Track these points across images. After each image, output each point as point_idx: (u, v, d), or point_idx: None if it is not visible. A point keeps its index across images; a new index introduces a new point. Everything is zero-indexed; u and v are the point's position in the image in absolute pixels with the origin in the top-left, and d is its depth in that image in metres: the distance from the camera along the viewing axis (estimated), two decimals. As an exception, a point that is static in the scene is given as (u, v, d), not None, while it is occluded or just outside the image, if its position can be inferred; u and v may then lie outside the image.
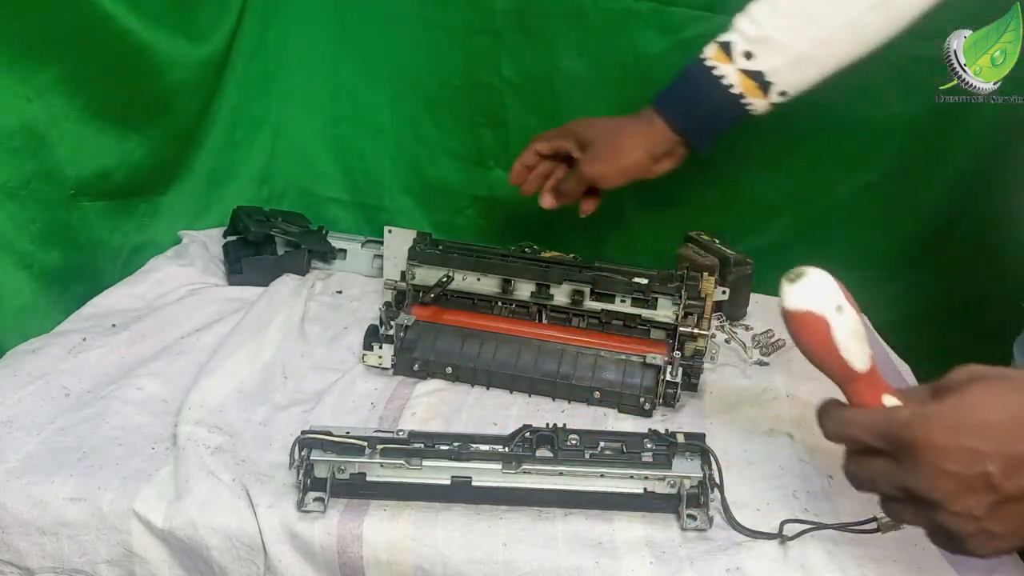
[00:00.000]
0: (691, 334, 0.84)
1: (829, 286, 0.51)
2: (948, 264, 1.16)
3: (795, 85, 0.77)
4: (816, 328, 0.51)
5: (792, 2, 0.75)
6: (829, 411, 0.52)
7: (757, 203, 1.14)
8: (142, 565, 0.65)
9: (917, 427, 0.47)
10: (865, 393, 0.52)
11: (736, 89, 0.77)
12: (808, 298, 0.51)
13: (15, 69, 0.81)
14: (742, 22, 0.77)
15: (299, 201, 1.21)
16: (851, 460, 0.52)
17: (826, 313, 0.50)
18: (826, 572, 0.60)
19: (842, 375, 0.52)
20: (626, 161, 0.83)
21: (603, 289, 0.86)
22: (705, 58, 0.78)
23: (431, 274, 0.89)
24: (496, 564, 0.61)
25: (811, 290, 0.51)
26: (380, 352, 0.83)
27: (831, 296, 0.51)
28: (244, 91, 1.12)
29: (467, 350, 0.84)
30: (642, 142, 0.82)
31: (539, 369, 0.82)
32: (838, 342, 0.51)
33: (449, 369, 0.83)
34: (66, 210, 0.92)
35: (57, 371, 0.79)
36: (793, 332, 0.52)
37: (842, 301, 0.51)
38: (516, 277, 0.88)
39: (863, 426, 0.50)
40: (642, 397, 0.79)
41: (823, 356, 0.52)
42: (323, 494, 0.64)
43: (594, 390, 0.81)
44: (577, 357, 0.83)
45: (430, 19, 1.08)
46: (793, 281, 0.51)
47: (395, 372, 0.84)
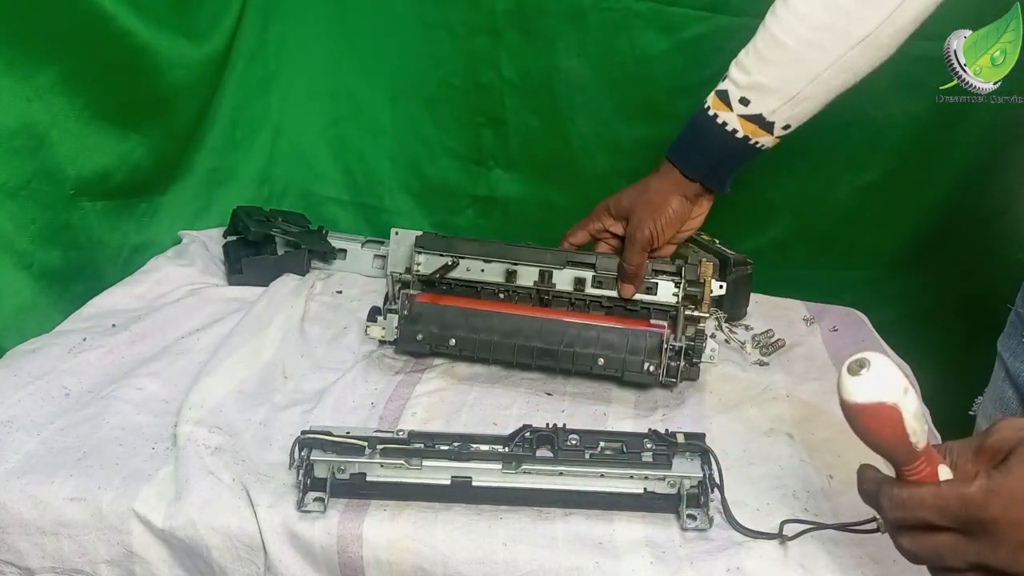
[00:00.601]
0: (692, 316, 0.84)
1: (894, 371, 0.48)
2: (948, 264, 1.16)
3: (797, 118, 0.80)
4: (889, 418, 0.48)
5: (777, 50, 0.76)
6: (887, 491, 0.50)
7: (757, 203, 1.14)
8: (142, 565, 0.65)
9: (993, 504, 0.46)
10: (924, 470, 0.50)
11: (740, 133, 0.80)
12: (878, 389, 0.47)
13: (15, 69, 0.81)
14: (734, 71, 0.79)
15: (299, 201, 1.21)
16: (909, 537, 0.50)
17: (897, 400, 0.47)
18: (826, 572, 0.61)
19: (905, 457, 0.50)
20: (669, 212, 0.85)
21: (604, 271, 0.86)
22: (707, 107, 0.81)
23: (435, 264, 0.89)
24: (496, 564, 0.61)
25: (880, 379, 0.47)
26: (383, 323, 0.83)
27: (898, 381, 0.48)
28: (244, 91, 1.12)
29: (471, 323, 0.84)
30: (672, 190, 0.85)
31: (543, 339, 0.83)
32: (908, 426, 0.48)
33: (453, 341, 0.83)
34: (66, 210, 0.92)
35: (57, 371, 0.79)
36: (861, 425, 0.48)
37: (907, 383, 0.48)
38: (519, 261, 0.88)
39: (933, 507, 0.48)
40: (646, 362, 0.80)
41: (892, 443, 0.49)
42: (323, 494, 0.64)
43: (597, 357, 0.81)
44: (580, 331, 0.84)
45: (430, 19, 1.09)
46: (858, 372, 0.48)
47: (398, 348, 0.84)
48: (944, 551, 0.49)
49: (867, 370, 0.47)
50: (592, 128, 1.12)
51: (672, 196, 0.85)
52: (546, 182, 1.18)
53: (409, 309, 0.84)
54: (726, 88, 0.80)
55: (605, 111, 1.11)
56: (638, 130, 1.11)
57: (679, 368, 0.81)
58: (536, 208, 1.20)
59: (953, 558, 0.48)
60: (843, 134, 1.07)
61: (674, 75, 1.07)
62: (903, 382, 0.48)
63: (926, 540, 0.49)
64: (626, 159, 1.14)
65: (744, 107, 0.79)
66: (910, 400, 0.48)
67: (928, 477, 0.50)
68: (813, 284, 1.12)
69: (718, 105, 0.80)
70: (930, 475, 0.50)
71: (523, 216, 1.20)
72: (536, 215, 1.20)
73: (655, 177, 0.86)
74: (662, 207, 0.85)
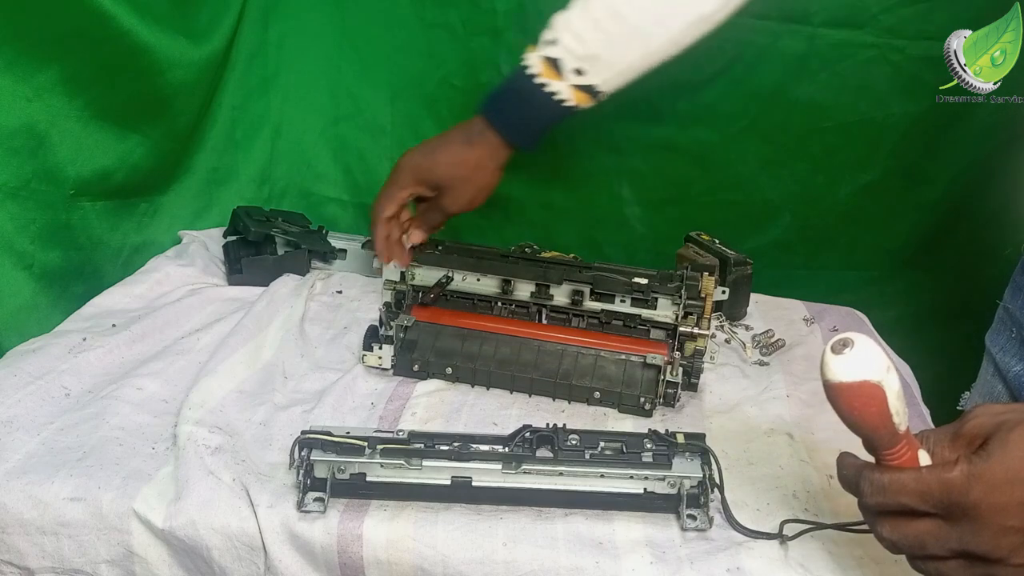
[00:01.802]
0: (691, 334, 0.84)
1: (877, 350, 0.48)
2: (948, 264, 1.16)
3: (619, 86, 0.80)
4: (873, 396, 0.48)
5: (616, 22, 0.76)
6: (867, 476, 0.50)
7: (757, 203, 1.14)
8: (142, 565, 0.65)
9: (974, 488, 0.46)
10: (905, 455, 0.50)
11: (570, 102, 0.79)
12: (862, 367, 0.47)
13: (15, 69, 0.81)
14: (568, 39, 0.77)
15: (299, 201, 1.21)
16: (886, 524, 0.50)
17: (881, 379, 0.48)
18: (826, 572, 0.61)
19: (888, 439, 0.49)
20: (483, 187, 0.85)
21: (603, 289, 0.86)
22: (533, 73, 0.79)
23: (431, 274, 0.89)
24: (496, 564, 0.61)
25: (863, 358, 0.47)
26: (380, 353, 0.83)
27: (882, 360, 0.48)
28: (244, 91, 1.12)
29: (467, 350, 0.84)
30: (489, 164, 0.84)
31: (539, 369, 0.82)
32: (891, 406, 0.48)
33: (449, 369, 0.83)
34: (66, 210, 0.92)
35: (57, 371, 0.79)
36: (845, 404, 0.48)
37: (888, 362, 0.48)
38: (516, 277, 0.88)
39: (915, 492, 0.48)
40: (642, 397, 0.79)
41: (876, 424, 0.49)
42: (323, 494, 0.64)
43: (594, 390, 0.81)
44: (577, 357, 0.83)
45: (430, 19, 1.09)
46: (841, 351, 0.48)
47: (395, 372, 0.84)
48: (925, 538, 0.49)
49: (851, 349, 0.47)
50: (592, 128, 1.12)
51: (489, 167, 0.83)
52: (546, 182, 1.18)
53: (404, 333, 0.84)
54: (558, 56, 0.77)
55: (605, 111, 1.11)
56: (638, 130, 1.11)
57: (676, 393, 0.80)
58: (536, 208, 1.20)
59: (934, 545, 0.48)
60: (843, 134, 1.07)
61: (674, 75, 1.07)
62: (886, 361, 0.48)
63: (907, 527, 0.49)
64: (626, 159, 1.14)
65: (578, 77, 0.77)
66: (893, 379, 0.48)
67: (909, 462, 0.50)
68: (813, 284, 1.12)
69: (549, 73, 0.78)
70: (911, 460, 0.50)
71: (523, 216, 1.20)
72: (536, 215, 1.20)
73: (467, 145, 0.83)
74: (480, 184, 0.84)
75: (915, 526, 0.49)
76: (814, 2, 1.01)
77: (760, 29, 1.02)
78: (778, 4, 1.01)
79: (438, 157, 0.84)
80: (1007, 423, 0.48)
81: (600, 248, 1.20)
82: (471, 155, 0.83)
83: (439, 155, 0.84)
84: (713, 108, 1.09)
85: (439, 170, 0.84)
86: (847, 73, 1.04)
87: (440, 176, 0.84)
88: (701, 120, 1.10)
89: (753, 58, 1.04)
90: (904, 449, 0.50)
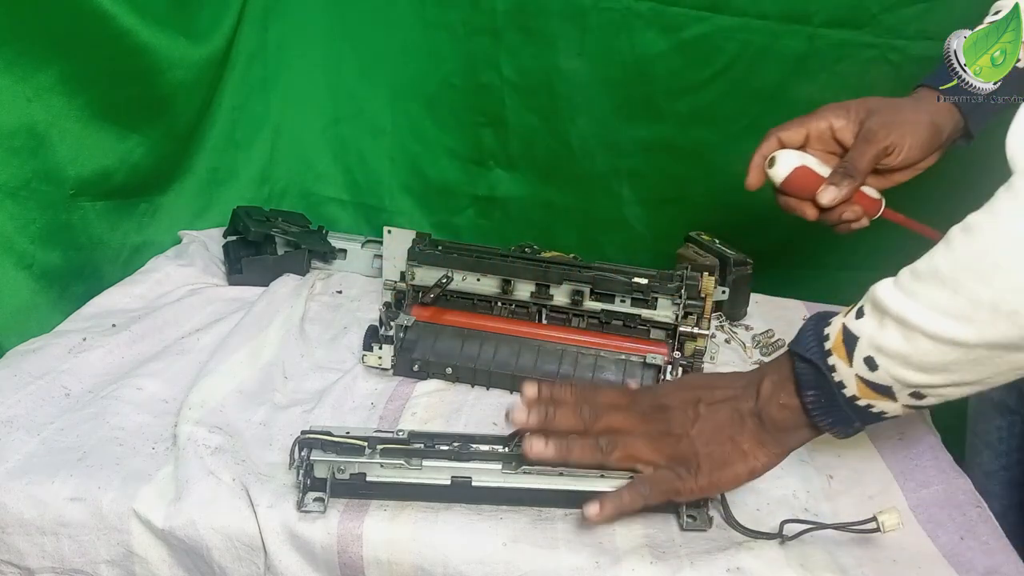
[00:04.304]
0: (691, 334, 0.84)
1: (793, 151, 0.73)
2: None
3: None
4: (806, 176, 0.71)
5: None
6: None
7: (757, 203, 1.14)
8: (142, 565, 0.65)
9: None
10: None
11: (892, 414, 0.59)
12: (789, 162, 0.71)
13: (15, 69, 0.81)
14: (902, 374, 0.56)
15: (299, 201, 1.21)
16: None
17: (803, 162, 0.71)
18: (826, 572, 0.60)
19: None
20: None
21: (602, 289, 0.86)
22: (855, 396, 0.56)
23: (430, 274, 0.89)
24: (496, 564, 0.61)
25: (788, 155, 0.72)
26: (380, 353, 0.83)
27: (798, 153, 0.72)
28: (244, 91, 1.12)
29: (467, 351, 0.84)
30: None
31: (539, 369, 0.82)
32: (818, 171, 0.72)
33: (449, 370, 0.83)
34: (66, 210, 0.92)
35: (57, 371, 0.79)
36: (792, 192, 0.72)
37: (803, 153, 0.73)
38: (516, 277, 0.88)
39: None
40: None
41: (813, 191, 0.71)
42: (323, 494, 0.64)
43: None
44: (577, 357, 0.83)
45: (430, 19, 1.09)
46: (774, 163, 0.72)
47: (395, 373, 0.84)
48: None
49: (778, 155, 0.72)
50: (592, 128, 1.12)
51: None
52: (546, 182, 1.18)
53: (404, 333, 0.84)
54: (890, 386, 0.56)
55: (605, 111, 1.11)
56: (638, 130, 1.11)
57: None
58: (536, 208, 1.20)
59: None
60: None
61: (674, 75, 1.07)
62: (801, 153, 0.72)
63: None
64: (626, 159, 1.14)
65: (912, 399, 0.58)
66: (809, 158, 0.72)
67: (860, 197, 0.73)
68: (813, 284, 1.12)
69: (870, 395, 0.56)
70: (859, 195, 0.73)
71: (523, 216, 1.20)
72: (536, 215, 1.20)
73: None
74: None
75: None
76: (814, 2, 1.01)
77: (760, 29, 1.02)
78: (778, 4, 1.01)
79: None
80: None
81: (600, 248, 1.20)
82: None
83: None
84: (713, 108, 1.09)
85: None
86: (847, 73, 1.04)
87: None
88: (701, 120, 1.10)
89: (753, 58, 1.04)
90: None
